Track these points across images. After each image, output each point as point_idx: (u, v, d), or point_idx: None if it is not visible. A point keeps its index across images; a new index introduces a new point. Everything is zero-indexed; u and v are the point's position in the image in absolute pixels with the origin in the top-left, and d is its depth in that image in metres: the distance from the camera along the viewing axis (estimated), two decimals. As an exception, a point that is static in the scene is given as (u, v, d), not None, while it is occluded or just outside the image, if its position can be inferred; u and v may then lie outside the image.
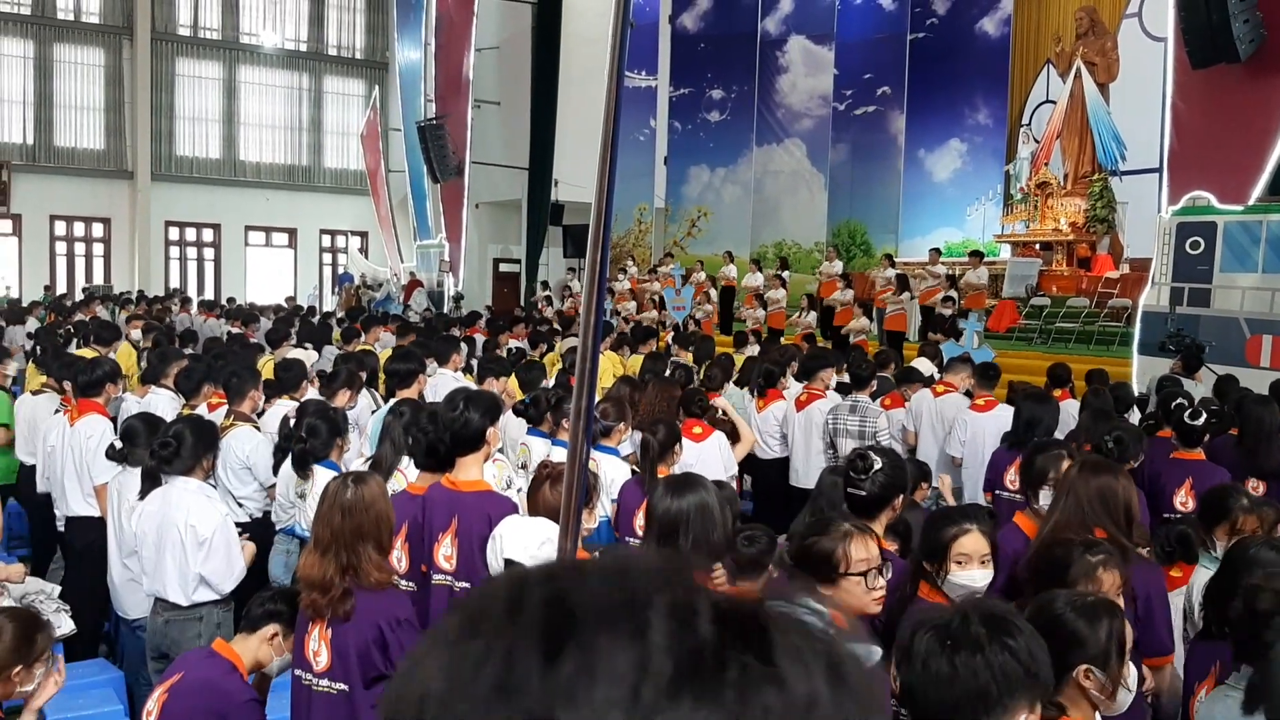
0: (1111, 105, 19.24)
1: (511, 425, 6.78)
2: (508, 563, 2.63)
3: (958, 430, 7.33)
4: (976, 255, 16.23)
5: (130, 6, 27.73)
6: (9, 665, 3.02)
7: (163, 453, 4.41)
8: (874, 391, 7.75)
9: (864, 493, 3.60)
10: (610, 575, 0.62)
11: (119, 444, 5.44)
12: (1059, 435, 7.52)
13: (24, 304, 19.51)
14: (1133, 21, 19.43)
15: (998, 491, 6.21)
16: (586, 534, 3.74)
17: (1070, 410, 7.86)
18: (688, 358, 10.21)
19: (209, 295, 27.54)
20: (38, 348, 11.07)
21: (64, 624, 5.08)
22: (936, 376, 8.67)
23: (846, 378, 8.03)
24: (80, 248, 28.48)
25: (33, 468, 6.95)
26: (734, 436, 6.77)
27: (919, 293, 15.55)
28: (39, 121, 27.24)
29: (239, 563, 4.43)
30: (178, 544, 4.31)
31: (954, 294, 14.86)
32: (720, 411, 7.16)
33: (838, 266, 17.38)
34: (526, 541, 2.64)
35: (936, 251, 16.66)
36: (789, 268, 18.58)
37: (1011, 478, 6.23)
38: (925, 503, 5.45)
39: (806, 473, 7.30)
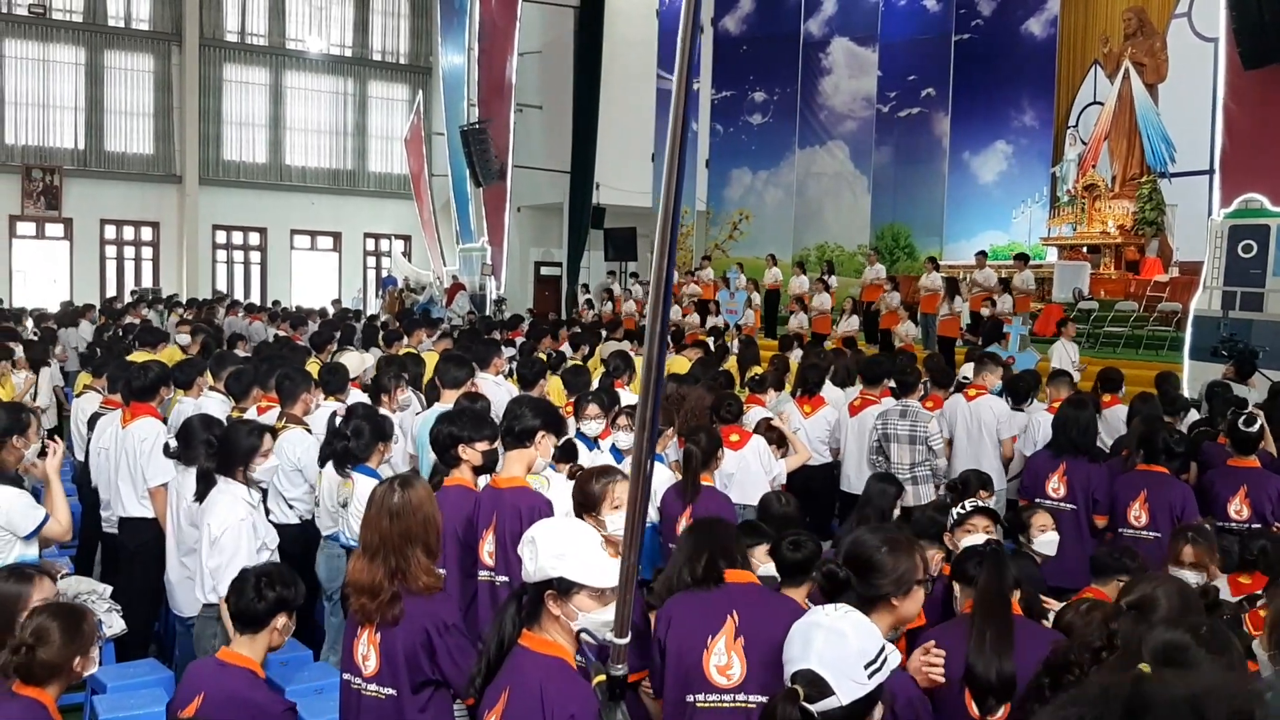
0: (1160, 106, 18.99)
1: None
2: (564, 581, 2.63)
3: (1031, 431, 7.29)
4: (1022, 259, 16.05)
5: (179, 13, 28.13)
6: (68, 660, 3.08)
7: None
8: (920, 396, 7.68)
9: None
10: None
11: (174, 444, 5.53)
12: (1108, 441, 7.49)
13: (75, 307, 19.79)
14: (1182, 21, 19.14)
15: (1038, 500, 6.11)
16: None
17: (1120, 416, 7.76)
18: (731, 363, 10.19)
19: (255, 298, 27.87)
20: (96, 350, 11.25)
21: (115, 623, 5.16)
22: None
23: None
24: (129, 251, 28.91)
25: (84, 468, 7.08)
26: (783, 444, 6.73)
27: (969, 298, 15.41)
28: (90, 127, 27.69)
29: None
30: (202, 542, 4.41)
31: (996, 298, 14.70)
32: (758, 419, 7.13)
33: (880, 271, 17.26)
34: (563, 548, 2.63)
35: (983, 255, 16.51)
36: (835, 272, 18.46)
37: (1054, 485, 6.16)
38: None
39: (859, 479, 7.22)
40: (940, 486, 6.98)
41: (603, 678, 2.32)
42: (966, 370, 8.63)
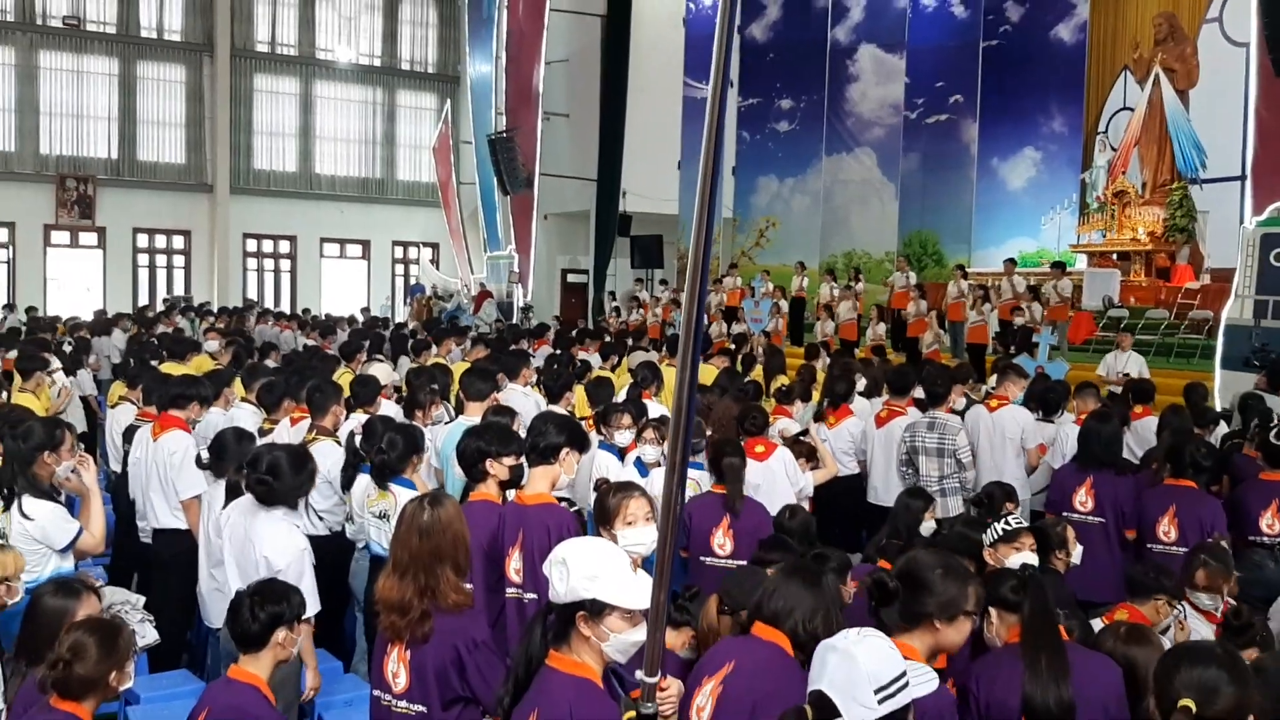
0: (1191, 112, 18.83)
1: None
2: (596, 603, 2.64)
3: (1059, 443, 7.25)
4: (1059, 267, 15.89)
5: (211, 24, 28.43)
6: (104, 675, 3.12)
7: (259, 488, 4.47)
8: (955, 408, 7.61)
9: None
10: None
11: (205, 456, 5.60)
12: (1138, 453, 7.43)
13: (109, 315, 20.01)
14: (1213, 27, 18.99)
15: (1065, 513, 6.06)
16: (648, 551, 3.74)
17: (1150, 428, 7.69)
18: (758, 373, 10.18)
19: (285, 306, 28.12)
20: (130, 360, 11.38)
21: (148, 634, 5.21)
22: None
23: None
24: (161, 259, 29.23)
25: (121, 478, 7.17)
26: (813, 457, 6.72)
27: (999, 305, 15.32)
28: (123, 137, 28.03)
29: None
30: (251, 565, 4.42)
31: (1025, 306, 14.60)
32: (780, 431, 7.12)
33: (911, 278, 17.19)
34: (595, 570, 2.65)
35: (1011, 262, 16.42)
36: (861, 278, 18.40)
37: (1082, 498, 6.11)
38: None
39: (886, 491, 7.21)
40: (968, 499, 6.95)
41: (632, 715, 2.34)
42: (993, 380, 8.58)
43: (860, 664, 2.28)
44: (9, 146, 26.79)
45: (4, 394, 7.64)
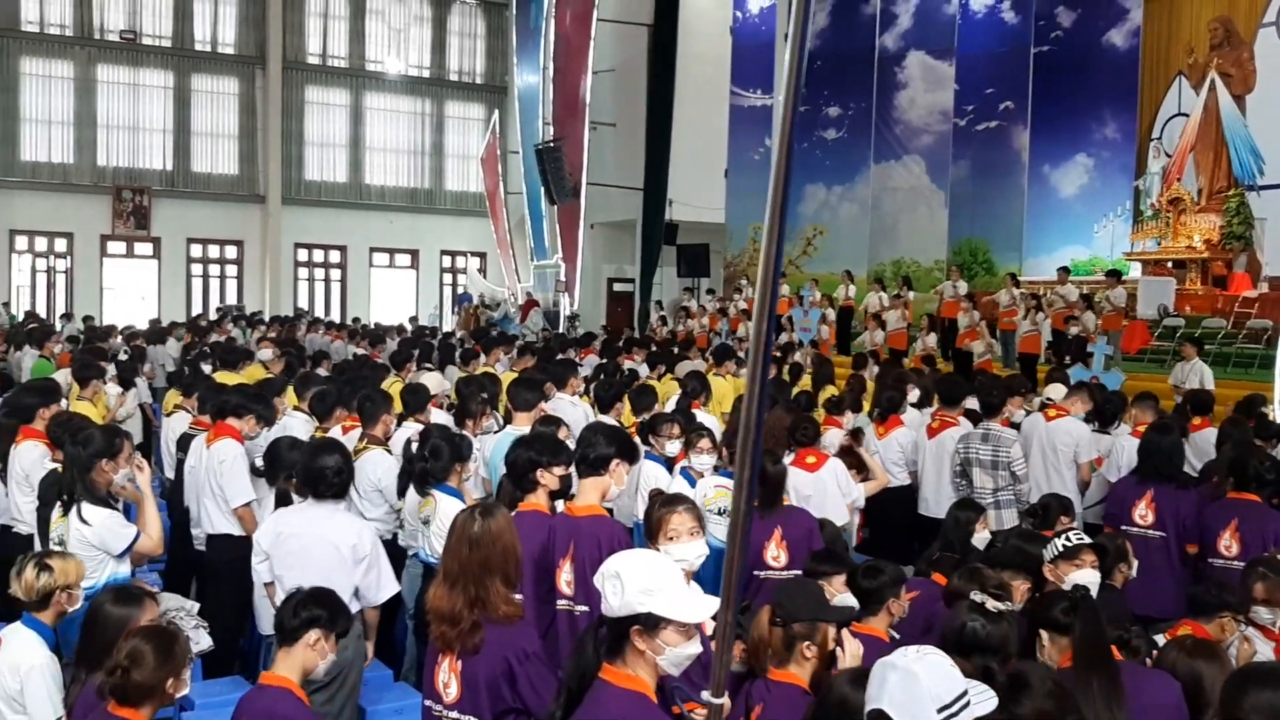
0: (1248, 117, 18.49)
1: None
2: (652, 616, 2.62)
3: (1115, 455, 7.13)
4: (1114, 275, 15.62)
5: (263, 37, 28.86)
6: (161, 682, 3.15)
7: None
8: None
9: None
10: None
11: (259, 463, 5.67)
12: (1196, 465, 7.28)
13: (164, 324, 20.33)
14: (1270, 30, 18.62)
15: (1124, 527, 5.95)
16: (694, 566, 3.70)
17: (1209, 439, 7.54)
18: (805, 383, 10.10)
19: (335, 315, 28.43)
20: (184, 368, 11.55)
21: (202, 640, 5.27)
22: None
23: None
24: (215, 269, 29.68)
25: (175, 486, 7.26)
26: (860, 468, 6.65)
27: (1051, 314, 15.11)
28: (178, 148, 28.52)
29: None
30: (331, 562, 4.52)
31: (1079, 315, 14.39)
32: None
33: (961, 287, 17.01)
34: (650, 584, 2.63)
35: (1065, 270, 16.19)
36: (912, 287, 18.23)
37: (1141, 512, 6.00)
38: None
39: (937, 502, 7.13)
40: (1022, 511, 6.85)
41: None
42: (1051, 391, 8.43)
43: (922, 682, 2.24)
44: (68, 159, 27.35)
45: (64, 401, 7.77)
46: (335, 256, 30.89)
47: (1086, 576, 4.07)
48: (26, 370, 12.92)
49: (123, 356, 12.77)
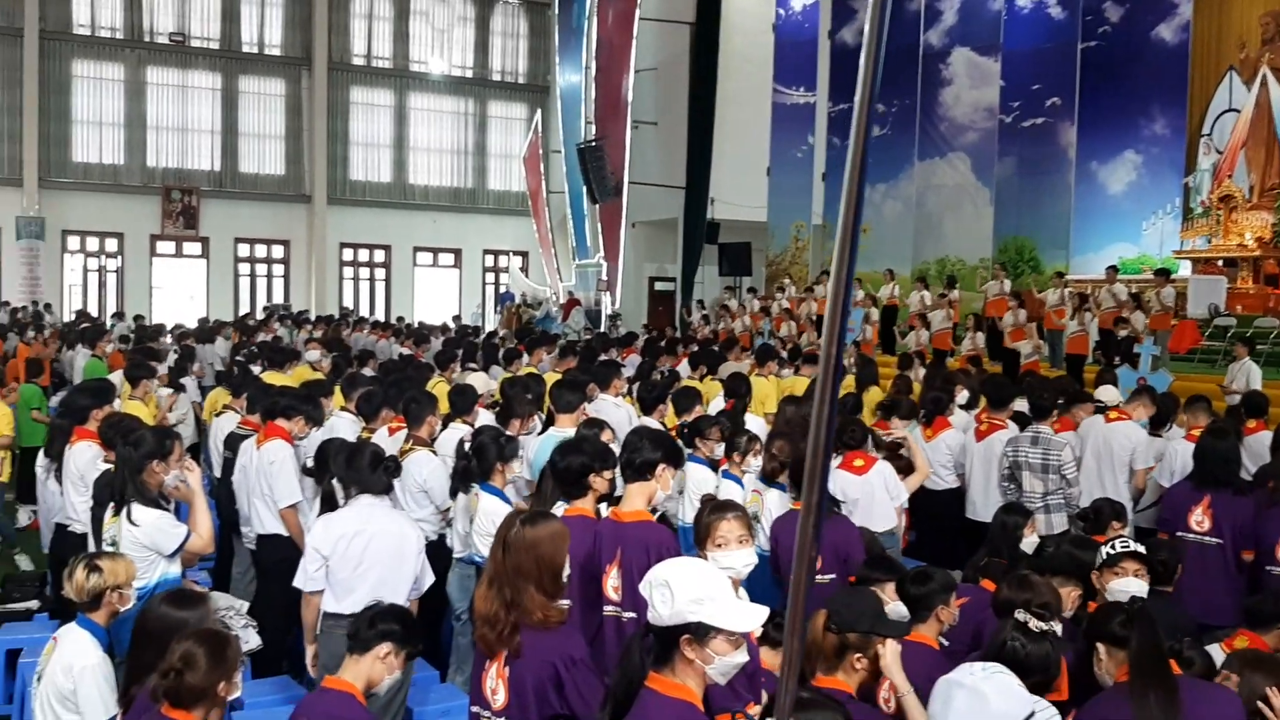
0: (1303, 113, 18.14)
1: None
2: (702, 626, 2.61)
3: (1168, 460, 7.01)
4: (1163, 274, 15.37)
5: (309, 38, 29.15)
6: (213, 685, 3.18)
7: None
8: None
9: None
10: None
11: (310, 464, 5.71)
12: (1251, 469, 7.14)
13: (212, 323, 20.58)
14: (1326, 24, 18.27)
15: (1179, 533, 5.85)
16: (742, 574, 3.68)
17: (1264, 443, 7.38)
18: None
19: (379, 314, 28.66)
20: (234, 368, 11.68)
21: (251, 639, 5.33)
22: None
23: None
24: (262, 268, 30.04)
25: (223, 485, 7.34)
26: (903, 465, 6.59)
27: (1099, 314, 14.89)
28: (225, 149, 28.88)
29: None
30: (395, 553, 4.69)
31: (1128, 316, 14.16)
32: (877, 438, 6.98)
33: (1006, 285, 16.82)
34: (700, 593, 2.61)
35: (1114, 269, 15.95)
36: (956, 285, 18.04)
37: (1198, 518, 5.89)
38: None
39: (985, 506, 7.04)
40: (1073, 515, 6.76)
41: None
42: (1102, 393, 8.29)
43: (990, 701, 2.21)
44: (118, 160, 27.80)
45: (116, 402, 7.88)
46: (380, 256, 31.15)
47: (1130, 585, 4.01)
48: (79, 370, 13.13)
49: (173, 356, 12.95)
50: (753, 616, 2.62)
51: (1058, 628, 3.69)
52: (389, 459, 4.88)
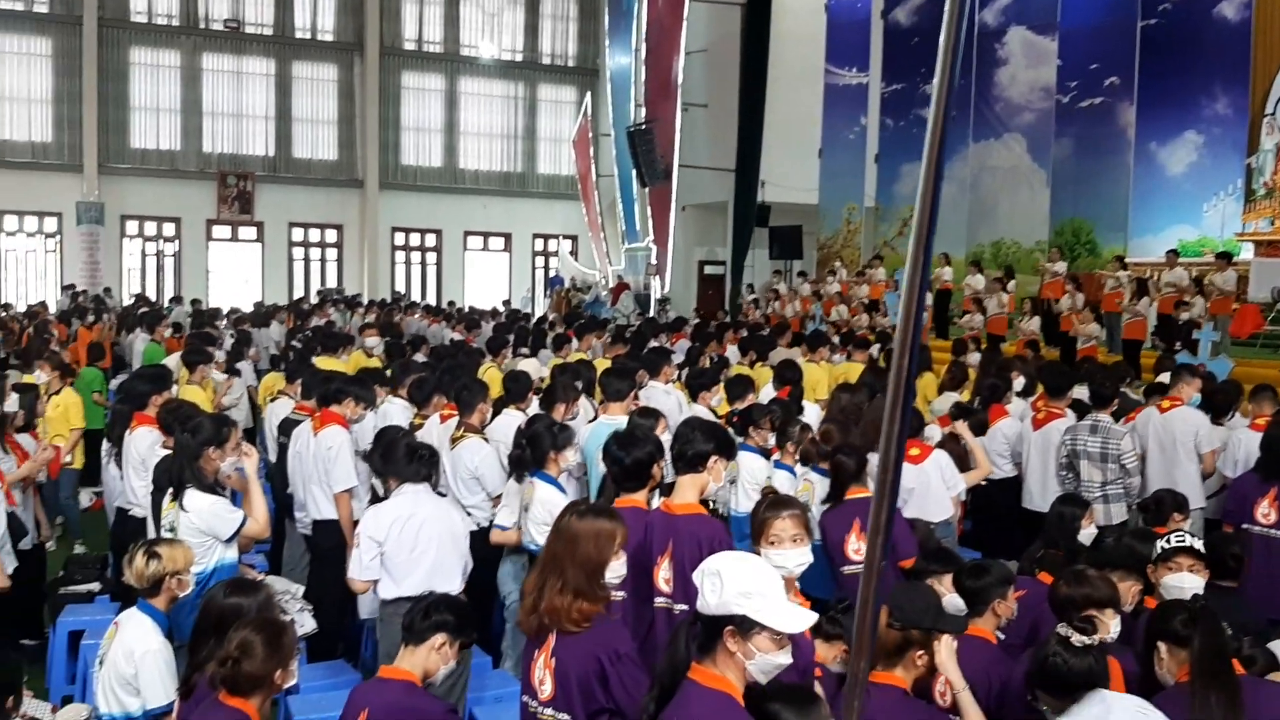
0: (1372, 91, 17.61)
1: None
2: (746, 620, 2.59)
3: (1231, 449, 6.83)
4: (1224, 257, 15.04)
5: (361, 23, 29.32)
6: (269, 673, 3.22)
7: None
8: (1115, 410, 7.26)
9: None
10: None
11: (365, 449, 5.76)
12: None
13: (268, 307, 20.84)
14: (1396, -1, 17.70)
15: (1245, 525, 5.72)
16: (794, 573, 3.64)
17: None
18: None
19: (430, 298, 28.84)
20: (289, 352, 11.81)
21: (306, 623, 5.39)
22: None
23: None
24: (315, 253, 30.34)
25: (278, 470, 7.43)
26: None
27: (1157, 298, 14.59)
28: (279, 135, 29.17)
29: None
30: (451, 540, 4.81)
31: (1189, 300, 13.86)
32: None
33: (1061, 267, 16.53)
34: (749, 587, 2.59)
35: (1174, 253, 15.62)
36: (1014, 276, 17.75)
37: (1264, 511, 5.76)
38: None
39: (1043, 496, 6.92)
40: (1133, 506, 6.64)
41: None
42: (1165, 379, 8.11)
43: None
44: (175, 145, 28.18)
45: (174, 387, 8.01)
46: (431, 240, 31.34)
47: (1184, 580, 3.92)
48: (138, 354, 13.37)
49: (229, 341, 13.13)
50: (799, 620, 2.60)
51: (1114, 628, 3.62)
52: (422, 449, 4.95)
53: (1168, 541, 4.03)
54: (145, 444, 6.27)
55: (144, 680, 3.84)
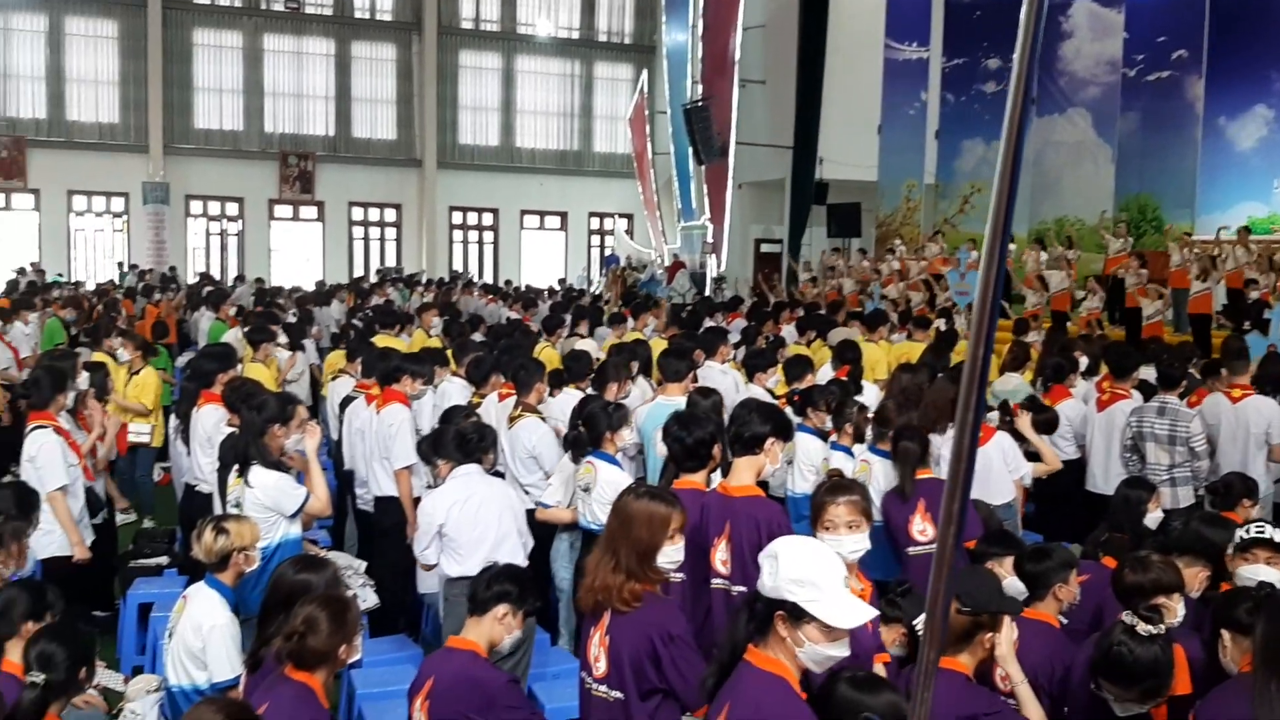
0: None
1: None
2: (797, 608, 2.57)
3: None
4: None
5: (419, 3, 29.45)
6: (334, 648, 3.28)
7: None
8: (1182, 391, 7.11)
9: None
10: None
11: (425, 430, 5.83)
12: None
13: (329, 286, 21.10)
14: None
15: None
16: (851, 559, 3.61)
17: None
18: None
19: (487, 276, 29.02)
20: (350, 331, 11.96)
21: (369, 598, 5.49)
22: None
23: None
24: (375, 232, 30.65)
25: (338, 448, 7.54)
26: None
27: (1226, 274, 14.25)
28: (339, 115, 29.44)
29: None
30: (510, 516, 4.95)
31: (1260, 277, 13.52)
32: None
33: (1127, 244, 16.19)
34: (803, 574, 2.57)
35: (1246, 230, 15.24)
36: (1075, 247, 17.42)
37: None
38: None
39: (1106, 479, 6.82)
40: (1200, 489, 6.51)
41: None
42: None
43: None
44: (237, 125, 28.57)
45: (239, 365, 8.15)
46: (488, 219, 31.50)
47: (1260, 573, 3.83)
48: (204, 332, 13.61)
49: (291, 319, 13.31)
50: (849, 615, 2.55)
51: (1180, 613, 3.56)
52: (471, 434, 4.99)
53: (1247, 531, 3.94)
54: (211, 421, 6.40)
55: (211, 654, 3.93)
